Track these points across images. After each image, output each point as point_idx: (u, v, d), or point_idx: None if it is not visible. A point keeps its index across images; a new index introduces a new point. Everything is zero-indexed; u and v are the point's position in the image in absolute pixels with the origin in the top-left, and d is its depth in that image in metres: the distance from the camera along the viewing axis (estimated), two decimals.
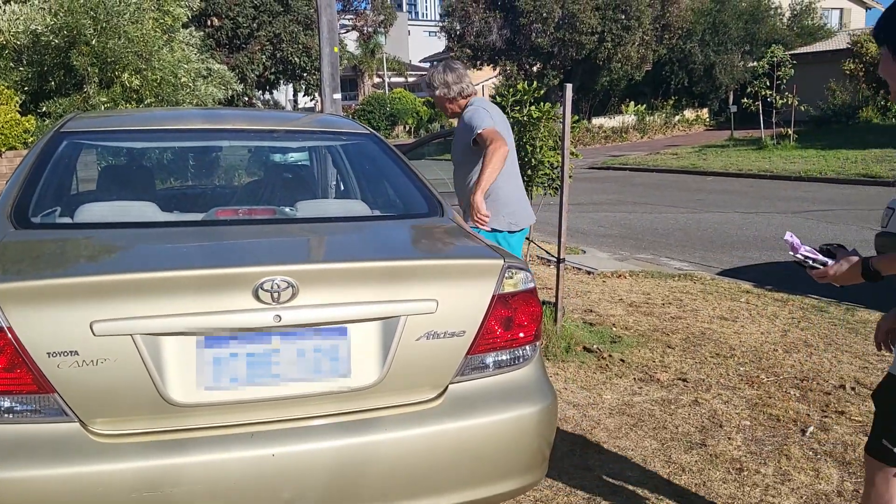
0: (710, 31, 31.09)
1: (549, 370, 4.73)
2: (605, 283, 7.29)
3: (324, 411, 2.22)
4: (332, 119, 4.26)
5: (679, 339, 5.38)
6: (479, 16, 28.52)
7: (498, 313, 2.39)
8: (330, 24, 10.77)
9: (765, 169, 17.65)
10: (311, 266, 2.26)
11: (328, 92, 10.87)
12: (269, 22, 30.16)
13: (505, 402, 2.39)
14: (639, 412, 4.11)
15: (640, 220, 11.84)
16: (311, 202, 3.31)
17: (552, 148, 5.40)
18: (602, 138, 29.98)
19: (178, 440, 2.07)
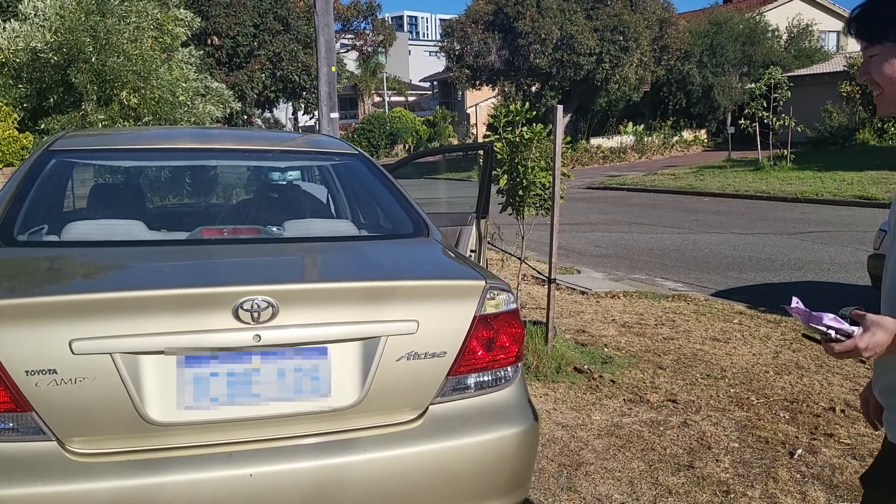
0: (707, 53, 31.27)
1: (539, 390, 4.72)
2: (599, 304, 7.29)
3: (303, 431, 2.21)
4: (322, 139, 4.29)
5: (670, 361, 5.37)
6: (479, 36, 28.70)
7: (479, 334, 2.39)
8: (328, 43, 10.85)
9: (761, 190, 17.70)
10: (292, 286, 2.27)
11: (325, 111, 10.93)
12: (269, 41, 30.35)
13: (486, 423, 2.39)
14: (627, 433, 4.10)
15: (636, 241, 11.85)
16: (299, 222, 3.32)
17: (544, 168, 5.41)
18: (600, 158, 30.07)
19: (157, 459, 2.07)
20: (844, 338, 1.64)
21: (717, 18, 32.12)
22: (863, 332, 1.63)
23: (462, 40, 29.39)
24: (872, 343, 1.62)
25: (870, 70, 1.73)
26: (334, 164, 3.86)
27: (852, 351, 1.64)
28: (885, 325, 1.63)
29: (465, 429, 2.34)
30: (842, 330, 1.64)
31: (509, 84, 30.34)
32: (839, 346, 1.64)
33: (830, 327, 1.65)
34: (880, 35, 1.68)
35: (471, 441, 2.33)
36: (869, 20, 1.71)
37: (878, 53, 1.70)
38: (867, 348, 1.62)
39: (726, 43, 31.21)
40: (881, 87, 1.72)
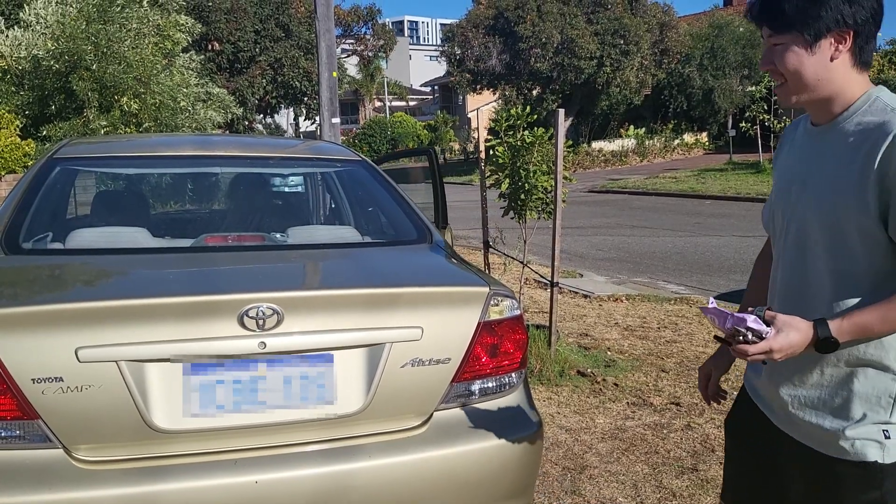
0: (708, 56, 31.28)
1: (543, 394, 4.73)
2: (602, 307, 7.30)
3: (308, 438, 2.22)
4: (324, 146, 4.30)
5: (674, 364, 5.38)
6: (479, 41, 28.72)
7: (483, 340, 2.40)
8: (328, 49, 10.87)
9: (763, 193, 17.68)
10: (297, 293, 2.27)
11: (327, 116, 10.94)
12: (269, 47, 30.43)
13: (491, 429, 2.39)
14: (631, 437, 4.10)
15: (638, 244, 11.86)
16: (303, 228, 3.33)
17: (545, 172, 5.43)
18: (601, 162, 30.08)
19: (162, 467, 2.07)
20: (757, 339, 1.56)
21: (717, 21, 32.14)
22: (776, 333, 1.57)
23: (463, 45, 29.41)
24: (786, 344, 1.57)
25: (774, 59, 1.67)
26: (337, 171, 3.87)
27: (766, 353, 1.57)
28: (798, 327, 1.59)
29: (469, 435, 2.35)
30: (757, 331, 1.57)
31: (510, 88, 30.37)
32: (753, 348, 1.56)
33: (750, 329, 1.57)
34: (788, 24, 1.62)
35: (475, 447, 2.33)
36: (775, 8, 1.64)
37: (783, 42, 1.64)
38: (780, 350, 1.57)
39: (727, 46, 31.22)
40: (784, 77, 1.67)
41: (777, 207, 1.81)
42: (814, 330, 1.59)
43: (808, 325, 1.59)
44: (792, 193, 1.76)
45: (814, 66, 1.63)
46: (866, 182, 1.57)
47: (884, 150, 1.55)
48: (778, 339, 1.56)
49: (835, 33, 1.60)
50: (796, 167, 1.78)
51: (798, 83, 1.66)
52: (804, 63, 1.63)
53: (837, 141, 1.66)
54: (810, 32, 1.60)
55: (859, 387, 1.66)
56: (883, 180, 1.55)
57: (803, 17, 1.60)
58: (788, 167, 1.82)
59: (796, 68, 1.64)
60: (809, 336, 1.58)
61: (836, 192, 1.63)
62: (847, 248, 1.63)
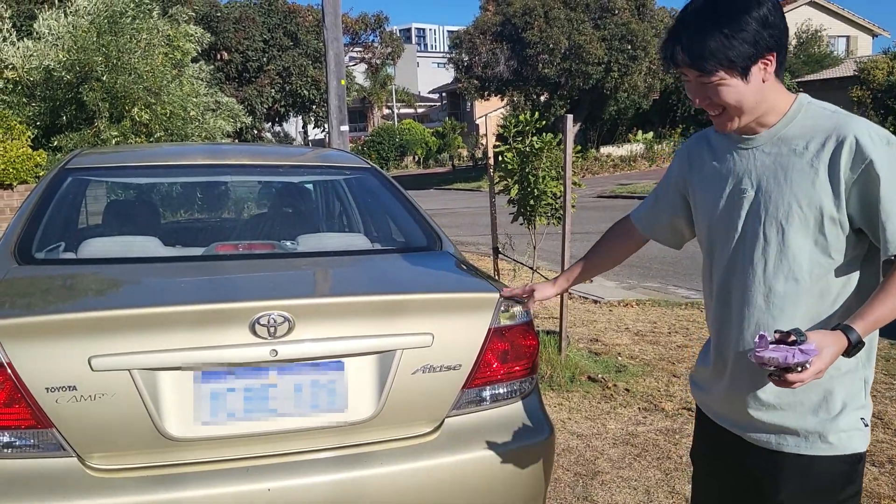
0: None
1: (554, 400, 4.72)
2: (612, 312, 7.28)
3: (320, 445, 2.23)
4: (333, 154, 4.31)
5: (685, 369, 5.36)
6: (487, 47, 28.74)
7: (494, 346, 2.40)
8: (337, 57, 10.92)
9: None
10: (307, 301, 2.28)
11: (335, 124, 10.99)
12: (278, 55, 30.56)
13: (502, 435, 2.39)
14: (643, 442, 4.09)
15: (647, 249, 11.70)
16: (313, 236, 3.34)
17: (554, 178, 5.43)
18: (610, 167, 30.04)
19: (175, 475, 2.08)
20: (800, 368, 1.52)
21: None
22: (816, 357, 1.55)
23: (470, 51, 29.43)
24: (830, 361, 1.56)
25: (709, 95, 1.73)
26: (346, 178, 3.88)
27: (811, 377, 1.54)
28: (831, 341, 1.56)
29: (481, 441, 2.35)
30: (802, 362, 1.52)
31: (518, 94, 30.37)
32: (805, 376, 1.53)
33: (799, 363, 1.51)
34: (717, 65, 1.67)
35: (487, 454, 2.33)
36: (699, 51, 1.68)
37: (717, 80, 1.69)
38: (821, 371, 1.56)
39: None
40: (721, 107, 1.75)
41: (720, 218, 1.84)
42: (846, 338, 1.58)
43: (838, 335, 1.58)
44: (743, 202, 1.78)
45: (752, 93, 1.70)
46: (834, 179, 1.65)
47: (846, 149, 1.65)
48: (823, 359, 1.55)
49: (762, 59, 1.68)
50: (734, 177, 1.82)
51: (739, 111, 1.73)
52: (743, 94, 1.70)
53: (781, 146, 1.75)
54: (741, 66, 1.67)
55: (835, 379, 1.71)
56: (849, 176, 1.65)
57: (731, 56, 1.65)
58: (719, 178, 1.85)
59: (737, 100, 1.71)
60: (844, 346, 1.58)
61: (794, 193, 1.70)
62: (814, 248, 1.69)
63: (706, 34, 1.66)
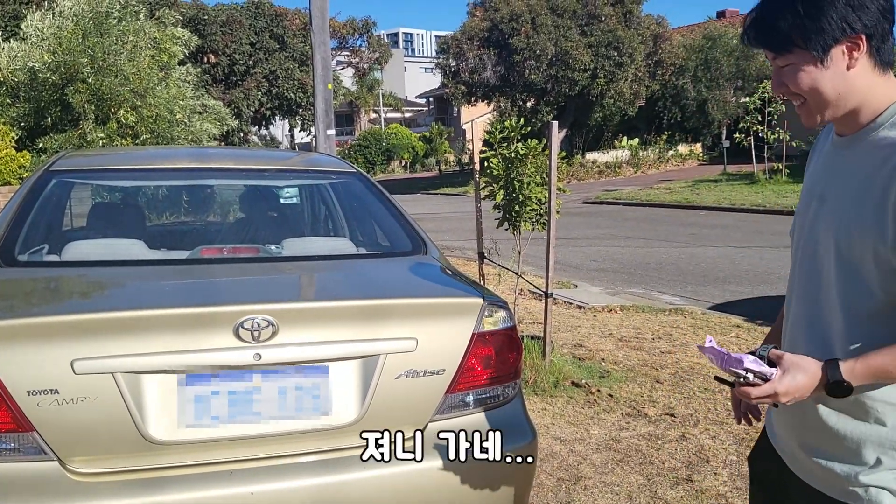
0: (702, 68, 31.42)
1: (537, 405, 4.74)
2: (596, 318, 7.31)
3: (303, 449, 2.23)
4: (319, 158, 4.32)
5: (668, 374, 5.39)
6: (474, 53, 28.83)
7: (478, 351, 2.41)
8: (324, 61, 10.93)
9: (757, 203, 17.76)
10: (292, 305, 2.29)
11: (322, 128, 11.00)
12: (265, 59, 30.53)
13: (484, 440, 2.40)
14: (626, 447, 4.11)
15: (632, 255, 11.89)
16: (298, 240, 3.35)
17: (539, 184, 5.45)
18: (596, 173, 30.16)
19: (157, 478, 2.08)
20: (761, 381, 1.48)
21: (711, 33, 32.28)
22: (781, 374, 1.48)
23: (457, 57, 29.51)
24: (793, 388, 1.46)
25: (786, 81, 1.54)
26: (332, 183, 3.89)
27: (770, 396, 1.47)
28: (806, 368, 1.47)
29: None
30: (760, 373, 1.48)
31: (505, 100, 30.46)
32: (756, 391, 1.47)
33: (749, 370, 1.48)
34: (789, 43, 1.49)
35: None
36: (771, 27, 1.52)
37: (791, 63, 1.51)
38: (786, 393, 1.46)
39: (720, 57, 31.36)
40: (803, 97, 1.54)
41: (795, 224, 1.69)
42: (823, 372, 1.46)
43: (818, 367, 1.47)
44: (810, 210, 1.63)
45: (831, 81, 1.49)
46: (886, 204, 1.41)
47: None
48: (784, 382, 1.46)
49: (845, 41, 1.46)
50: (818, 181, 1.64)
51: (819, 101, 1.52)
52: (819, 80, 1.49)
53: (861, 155, 1.52)
54: (816, 47, 1.47)
55: (871, 430, 1.52)
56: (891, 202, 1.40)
57: (804, 34, 1.47)
58: (812, 181, 1.68)
59: (812, 87, 1.50)
60: (818, 378, 1.47)
61: (854, 213, 1.49)
62: (861, 279, 1.49)
63: (781, 9, 1.49)
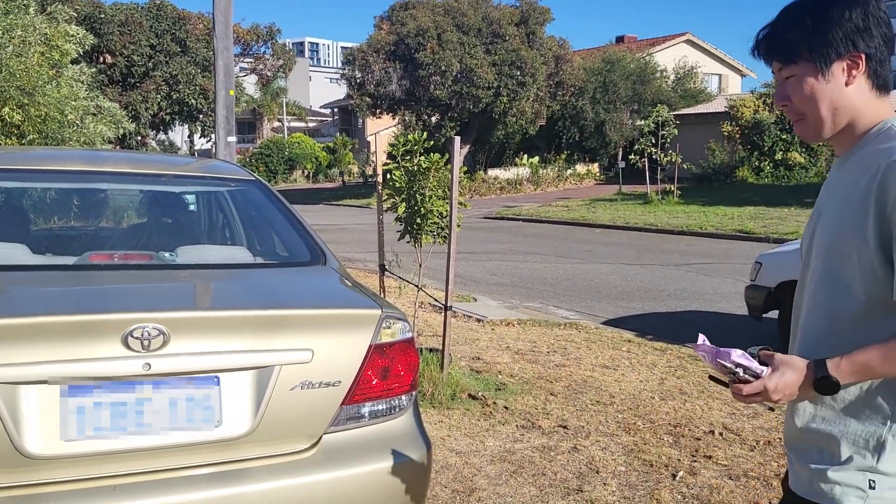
0: (600, 90, 32.50)
1: (434, 417, 4.77)
2: (494, 331, 7.42)
3: (193, 462, 2.18)
4: (218, 165, 4.24)
5: (562, 387, 5.52)
6: (380, 66, 28.87)
7: (374, 363, 2.42)
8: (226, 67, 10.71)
9: (650, 223, 18.44)
10: (184, 314, 2.24)
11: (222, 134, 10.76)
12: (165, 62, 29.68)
13: (380, 452, 2.41)
14: (520, 459, 4.18)
15: (530, 270, 12.13)
16: (193, 248, 3.27)
17: (441, 197, 5.51)
18: (497, 189, 30.65)
19: (32, 495, 1.99)
20: (753, 378, 1.53)
21: (609, 57, 33.46)
22: (771, 371, 1.53)
23: (363, 69, 29.49)
24: (782, 384, 1.52)
25: (788, 93, 1.61)
26: (230, 190, 3.82)
27: (761, 393, 1.52)
28: (794, 365, 1.53)
29: (358, 458, 2.35)
30: (750, 369, 1.53)
31: (409, 114, 30.61)
32: (747, 388, 1.53)
33: (739, 365, 1.53)
34: (795, 53, 1.57)
35: (364, 470, 2.34)
36: (780, 39, 1.59)
37: (795, 74, 1.59)
38: (776, 390, 1.52)
39: (618, 81, 32.54)
40: (803, 112, 1.61)
41: (803, 240, 1.76)
42: (810, 369, 1.52)
43: (805, 364, 1.53)
44: (810, 227, 1.71)
45: (830, 94, 1.56)
46: (867, 205, 1.49)
47: (881, 176, 1.48)
48: (773, 378, 1.52)
49: (846, 58, 1.54)
50: (819, 200, 1.72)
51: (816, 115, 1.59)
52: (819, 92, 1.56)
53: (851, 170, 1.59)
54: (820, 59, 1.55)
55: (847, 426, 1.57)
56: (881, 208, 1.47)
57: (811, 45, 1.55)
58: (817, 201, 1.74)
59: (812, 98, 1.57)
60: (803, 375, 1.52)
61: (838, 219, 1.57)
62: (844, 283, 1.56)
63: (791, 24, 1.57)
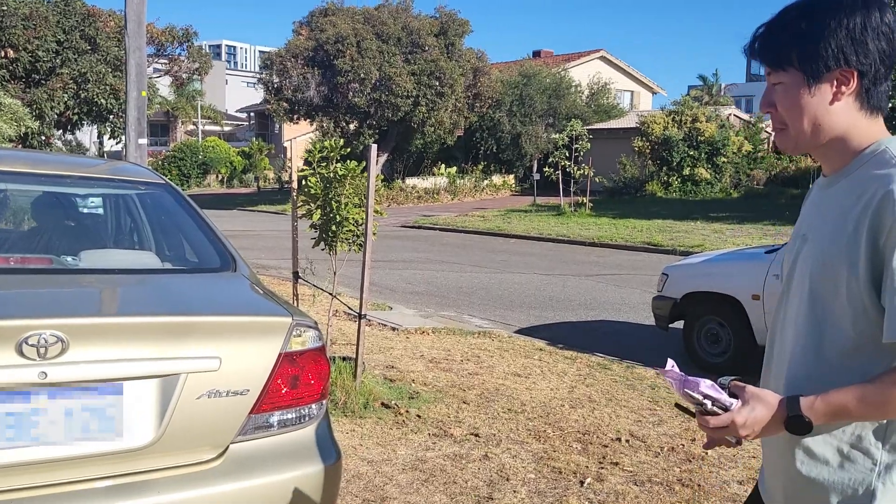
0: (517, 103, 33.01)
1: (346, 426, 4.74)
2: (409, 340, 7.43)
3: (93, 474, 2.11)
4: (126, 167, 4.12)
5: (474, 395, 5.57)
6: (298, 71, 28.54)
7: (284, 371, 2.39)
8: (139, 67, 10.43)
9: (563, 234, 18.81)
10: (84, 320, 2.17)
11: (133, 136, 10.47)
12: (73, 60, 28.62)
13: (288, 461, 2.38)
14: (431, 467, 4.20)
15: (446, 279, 12.20)
16: (97, 252, 3.16)
17: (357, 205, 5.49)
18: (415, 198, 30.72)
19: None
20: (721, 410, 1.44)
21: (526, 71, 34.03)
22: (741, 405, 1.44)
23: (281, 73, 29.10)
24: (751, 420, 1.43)
25: (774, 99, 1.54)
26: (139, 194, 3.71)
27: (728, 427, 1.44)
28: (766, 401, 1.44)
29: (266, 467, 2.32)
30: (719, 401, 1.44)
31: (328, 120, 30.38)
32: (715, 420, 1.44)
33: (708, 396, 1.44)
34: (784, 59, 1.50)
35: (272, 480, 2.31)
36: (773, 41, 1.52)
37: (782, 81, 1.52)
38: (744, 425, 1.43)
39: (534, 94, 33.13)
40: (785, 122, 1.54)
41: (785, 261, 1.68)
42: (783, 406, 1.44)
43: (777, 400, 1.44)
44: (796, 248, 1.62)
45: (813, 109, 1.49)
46: (859, 240, 1.40)
47: (875, 205, 1.39)
48: (742, 413, 1.43)
49: (837, 73, 1.46)
50: (804, 221, 1.64)
51: (798, 127, 1.52)
52: (803, 104, 1.49)
53: (840, 194, 1.50)
54: (809, 71, 1.47)
55: (834, 475, 1.48)
56: (875, 240, 1.39)
57: (801, 54, 1.47)
58: (799, 221, 1.67)
59: (795, 109, 1.50)
60: (777, 412, 1.43)
61: (828, 250, 1.47)
62: (833, 317, 1.47)
63: (785, 27, 1.50)
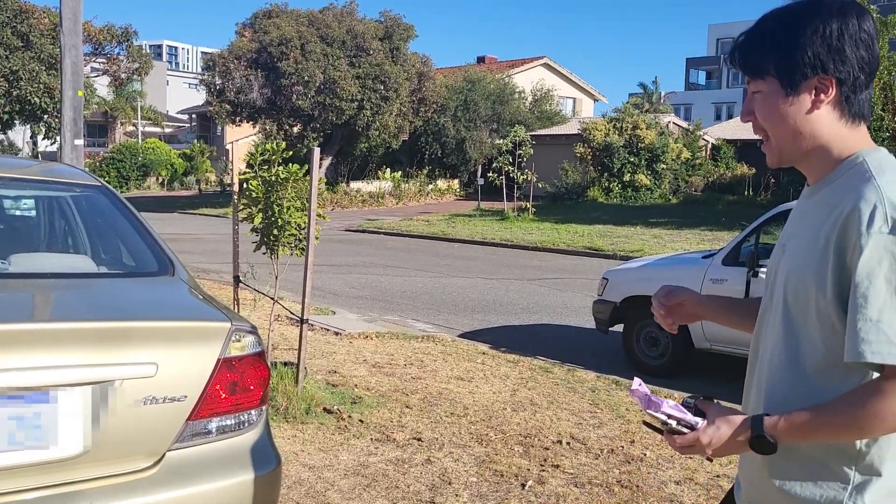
0: (462, 108, 33.17)
1: (288, 432, 4.69)
2: (352, 344, 7.39)
3: (20, 486, 2.05)
4: (61, 168, 4.01)
5: (418, 400, 5.57)
6: (241, 73, 28.19)
7: (223, 377, 2.36)
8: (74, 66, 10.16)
9: (506, 238, 18.95)
10: (12, 326, 2.10)
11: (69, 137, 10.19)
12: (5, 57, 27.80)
13: (226, 468, 2.35)
14: (373, 472, 4.18)
15: (390, 283, 12.17)
16: (28, 256, 3.08)
17: (299, 209, 5.45)
18: (359, 202, 30.59)
19: None
20: (687, 429, 1.47)
21: (471, 77, 34.23)
22: (707, 424, 1.46)
23: (224, 75, 28.70)
24: (716, 439, 1.44)
25: (754, 109, 1.53)
26: (73, 196, 3.62)
27: (695, 445, 1.46)
28: (730, 420, 1.45)
29: (204, 475, 2.29)
30: (684, 420, 1.47)
31: (271, 123, 30.07)
32: (680, 440, 1.47)
33: (672, 416, 1.47)
34: (763, 68, 1.49)
35: (209, 487, 2.28)
36: (751, 50, 1.51)
37: (761, 90, 1.50)
38: (710, 444, 1.45)
39: (479, 100, 33.34)
40: (766, 132, 1.53)
41: (768, 270, 1.65)
42: (747, 426, 1.44)
43: (741, 420, 1.45)
44: (776, 259, 1.59)
45: (792, 118, 1.47)
46: (827, 257, 1.39)
47: (843, 221, 1.37)
48: (707, 432, 1.45)
49: (815, 81, 1.45)
50: (787, 228, 1.61)
51: (777, 136, 1.51)
52: (781, 113, 1.48)
53: (818, 204, 1.48)
54: (787, 79, 1.46)
55: (807, 490, 1.45)
56: (841, 257, 1.37)
57: (778, 63, 1.46)
58: (785, 227, 1.64)
59: (774, 118, 1.49)
60: (741, 431, 1.44)
61: (801, 263, 1.45)
62: (806, 331, 1.45)
63: (763, 36, 1.49)
